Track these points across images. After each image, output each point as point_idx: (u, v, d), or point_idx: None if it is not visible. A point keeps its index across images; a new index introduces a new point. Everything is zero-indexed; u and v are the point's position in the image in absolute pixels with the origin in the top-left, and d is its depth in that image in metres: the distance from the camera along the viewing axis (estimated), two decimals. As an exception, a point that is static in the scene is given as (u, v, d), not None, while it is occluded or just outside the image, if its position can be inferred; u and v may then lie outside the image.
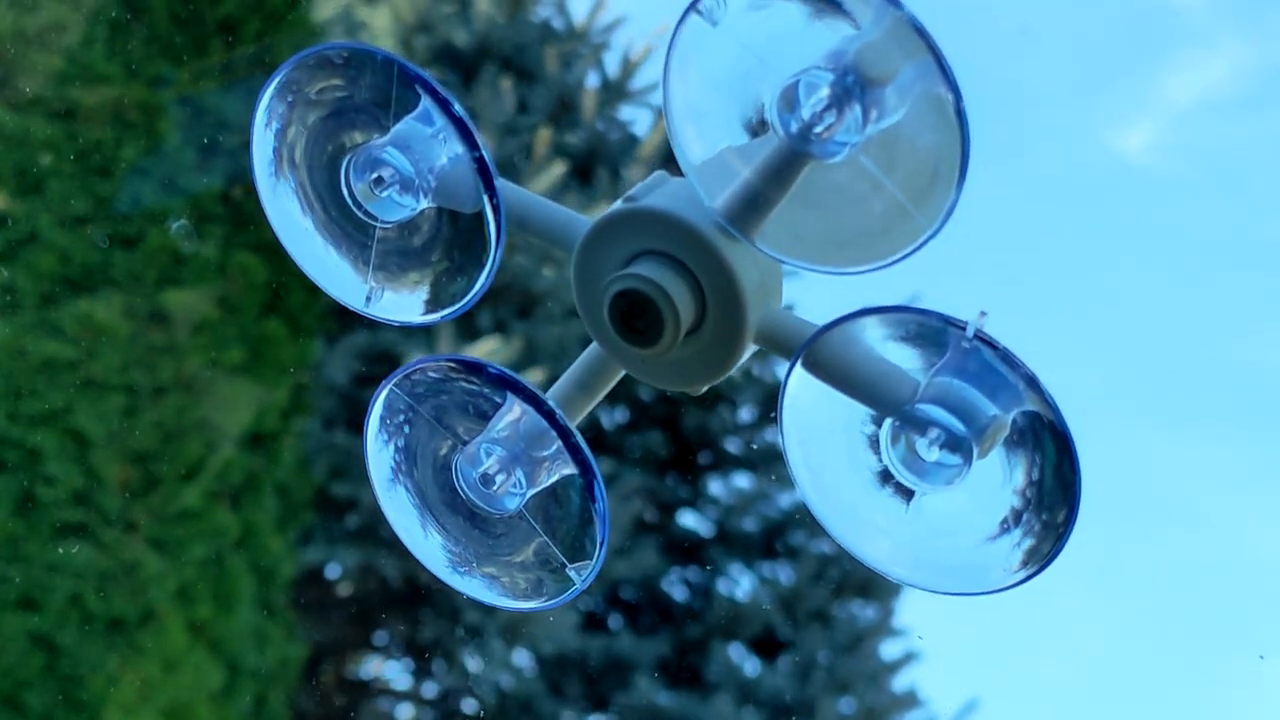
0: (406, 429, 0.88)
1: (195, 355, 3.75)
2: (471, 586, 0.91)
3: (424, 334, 4.63)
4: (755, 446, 5.33)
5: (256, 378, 3.91)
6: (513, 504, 0.87)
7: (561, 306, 4.76)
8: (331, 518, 4.77)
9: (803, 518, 5.18)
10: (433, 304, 0.87)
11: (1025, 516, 0.77)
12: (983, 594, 0.79)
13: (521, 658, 4.89)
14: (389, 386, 0.87)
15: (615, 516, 4.51)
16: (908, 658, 5.15)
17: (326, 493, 4.65)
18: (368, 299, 0.88)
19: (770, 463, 5.28)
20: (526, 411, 0.85)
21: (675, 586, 5.27)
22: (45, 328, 3.52)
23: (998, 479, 0.78)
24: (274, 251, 3.96)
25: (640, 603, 5.18)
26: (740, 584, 5.26)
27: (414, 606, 4.96)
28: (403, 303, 0.88)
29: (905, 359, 0.78)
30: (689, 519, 5.37)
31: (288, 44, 4.07)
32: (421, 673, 5.13)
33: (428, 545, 0.91)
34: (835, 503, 0.83)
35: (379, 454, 0.90)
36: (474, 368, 0.85)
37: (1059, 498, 0.76)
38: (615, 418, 5.28)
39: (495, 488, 0.87)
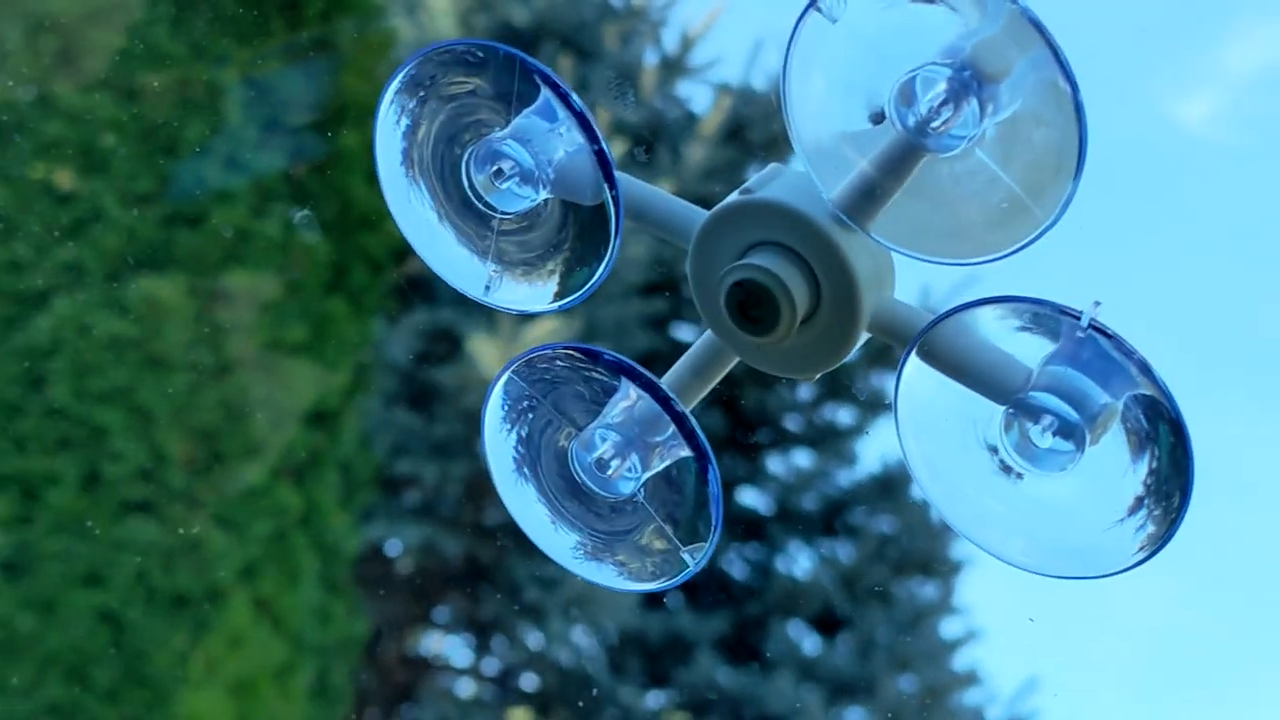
0: (526, 417, 0.90)
1: (258, 333, 3.77)
2: (596, 573, 0.92)
3: (484, 314, 4.64)
4: (815, 424, 5.32)
5: (318, 356, 3.93)
6: (627, 488, 0.89)
7: (620, 285, 4.76)
8: (392, 495, 4.79)
9: (863, 495, 5.18)
10: (552, 293, 0.89)
11: (1146, 501, 0.79)
12: (1101, 577, 0.81)
13: (581, 635, 4.91)
14: (507, 374, 0.89)
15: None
16: (968, 636, 5.14)
17: (387, 470, 4.67)
18: (486, 288, 0.90)
19: (830, 440, 5.28)
20: (641, 396, 0.87)
21: (735, 564, 5.28)
22: (110, 305, 3.54)
23: (1111, 464, 0.79)
24: (336, 230, 3.98)
25: (700, 580, 5.18)
26: (800, 562, 5.27)
27: (474, 583, 4.98)
28: (522, 292, 0.90)
29: (1017, 346, 0.80)
30: (749, 496, 5.37)
31: (350, 22, 4.08)
32: (482, 649, 5.16)
33: (555, 537, 0.92)
34: (950, 489, 0.84)
35: (500, 445, 0.91)
36: (591, 354, 0.87)
37: (1174, 481, 0.78)
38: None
39: (610, 472, 0.89)
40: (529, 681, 5.07)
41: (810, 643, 5.04)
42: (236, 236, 3.72)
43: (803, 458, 5.38)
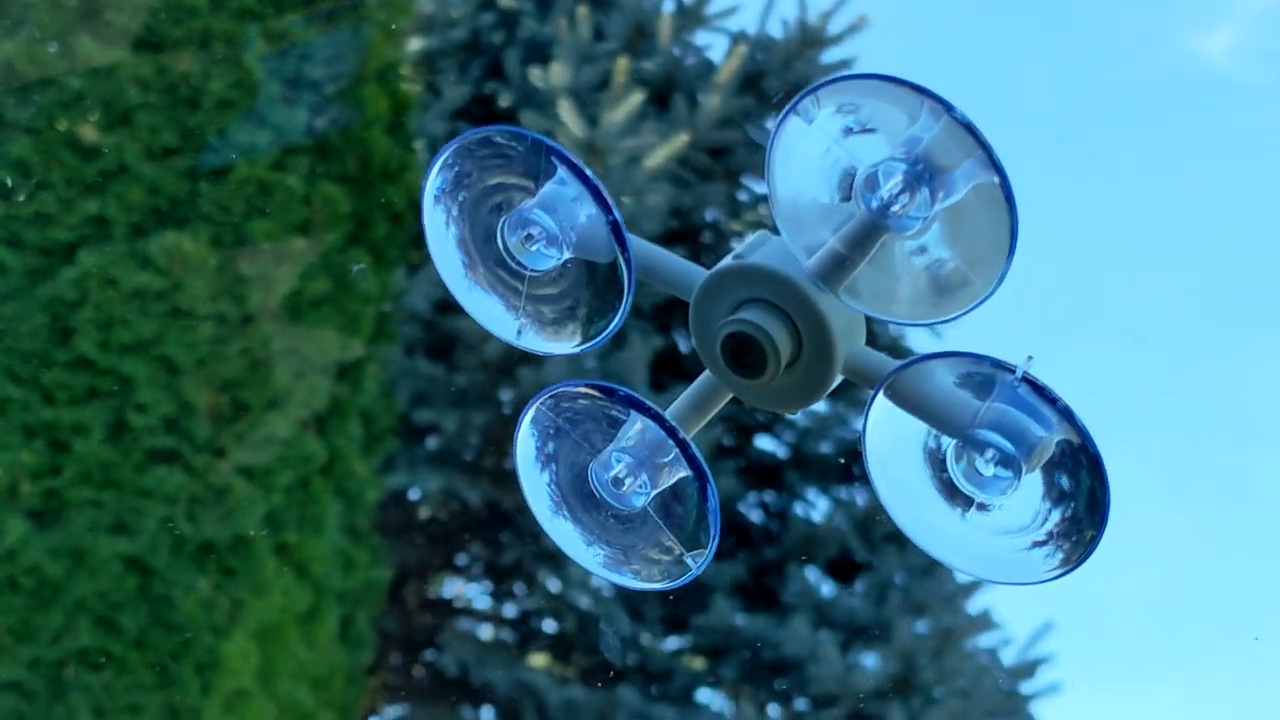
0: (553, 443, 1.06)
1: (281, 285, 3.80)
2: (618, 576, 1.07)
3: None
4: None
5: (340, 308, 3.97)
6: (639, 502, 1.04)
7: (642, 236, 4.77)
8: (413, 442, 4.84)
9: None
10: (574, 338, 1.04)
11: (1064, 526, 0.94)
12: (1026, 584, 0.96)
13: (600, 580, 4.94)
14: (535, 406, 1.04)
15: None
16: (982, 581, 5.17)
17: (408, 418, 4.73)
18: (518, 333, 1.05)
19: (846, 387, 5.30)
20: (649, 425, 1.02)
21: (752, 510, 5.32)
22: (135, 258, 3.59)
23: (1042, 490, 0.95)
24: (358, 183, 4.01)
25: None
26: (816, 507, 5.31)
27: (494, 529, 5.04)
28: (548, 336, 1.05)
29: (969, 389, 0.95)
30: (766, 442, 5.41)
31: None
32: (502, 594, 5.22)
33: (585, 551, 1.07)
34: (908, 507, 0.99)
35: (535, 481, 1.07)
36: (606, 391, 1.03)
37: (1092, 508, 0.93)
38: (692, 342, 5.30)
39: (624, 488, 1.04)
40: (549, 625, 5.13)
41: (826, 587, 5.09)
42: (258, 189, 3.75)
43: (819, 403, 5.40)
